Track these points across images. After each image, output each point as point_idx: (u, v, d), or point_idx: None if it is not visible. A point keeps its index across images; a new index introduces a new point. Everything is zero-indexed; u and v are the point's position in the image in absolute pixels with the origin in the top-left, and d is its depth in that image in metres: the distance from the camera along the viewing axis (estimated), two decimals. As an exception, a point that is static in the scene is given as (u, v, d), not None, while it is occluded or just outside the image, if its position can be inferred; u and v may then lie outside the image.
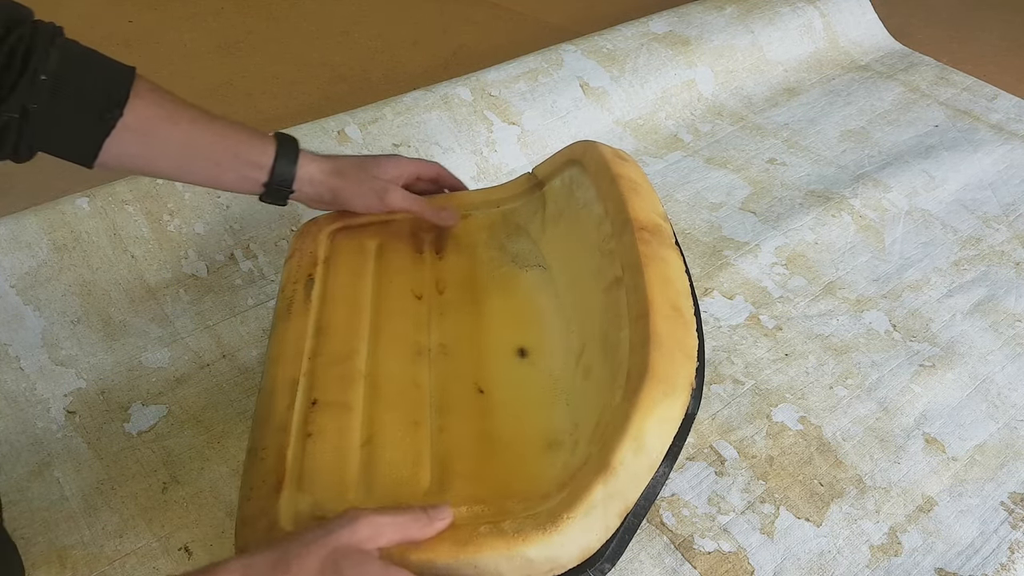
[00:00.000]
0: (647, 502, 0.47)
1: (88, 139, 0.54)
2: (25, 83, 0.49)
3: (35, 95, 0.49)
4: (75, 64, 0.52)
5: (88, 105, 0.52)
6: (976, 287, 0.82)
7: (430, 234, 0.71)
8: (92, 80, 0.52)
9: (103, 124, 0.53)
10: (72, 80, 0.51)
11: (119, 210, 0.79)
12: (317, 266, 0.66)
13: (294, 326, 0.61)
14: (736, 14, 1.18)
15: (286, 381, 0.57)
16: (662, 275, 0.53)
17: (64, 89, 0.51)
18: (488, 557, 0.45)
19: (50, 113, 0.51)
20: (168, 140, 0.56)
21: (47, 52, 0.50)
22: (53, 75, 0.50)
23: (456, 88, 0.99)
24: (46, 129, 0.52)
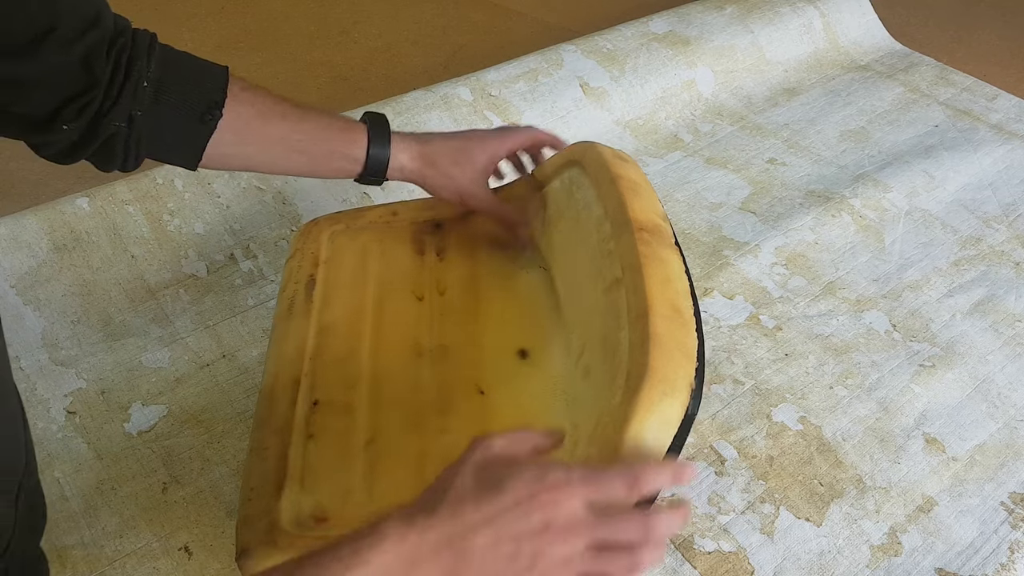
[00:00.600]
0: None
1: (191, 142, 0.55)
2: (129, 91, 0.50)
3: (139, 102, 0.50)
4: (173, 69, 0.53)
5: (189, 109, 0.53)
6: (976, 287, 0.82)
7: (432, 236, 0.71)
8: (191, 84, 0.53)
9: (205, 126, 0.54)
10: (172, 85, 0.52)
11: (119, 210, 0.79)
12: (319, 266, 0.67)
13: (295, 326, 0.61)
14: (736, 14, 1.18)
15: (288, 381, 0.57)
16: (662, 275, 0.53)
17: (165, 95, 0.52)
18: None
19: (154, 119, 0.52)
20: (263, 139, 0.58)
21: (148, 59, 0.51)
22: (155, 81, 0.51)
23: (456, 88, 0.99)
24: (151, 135, 0.53)
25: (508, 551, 0.36)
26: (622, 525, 0.39)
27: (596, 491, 0.39)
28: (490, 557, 0.36)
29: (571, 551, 0.37)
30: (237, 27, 1.46)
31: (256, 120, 0.57)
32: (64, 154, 0.51)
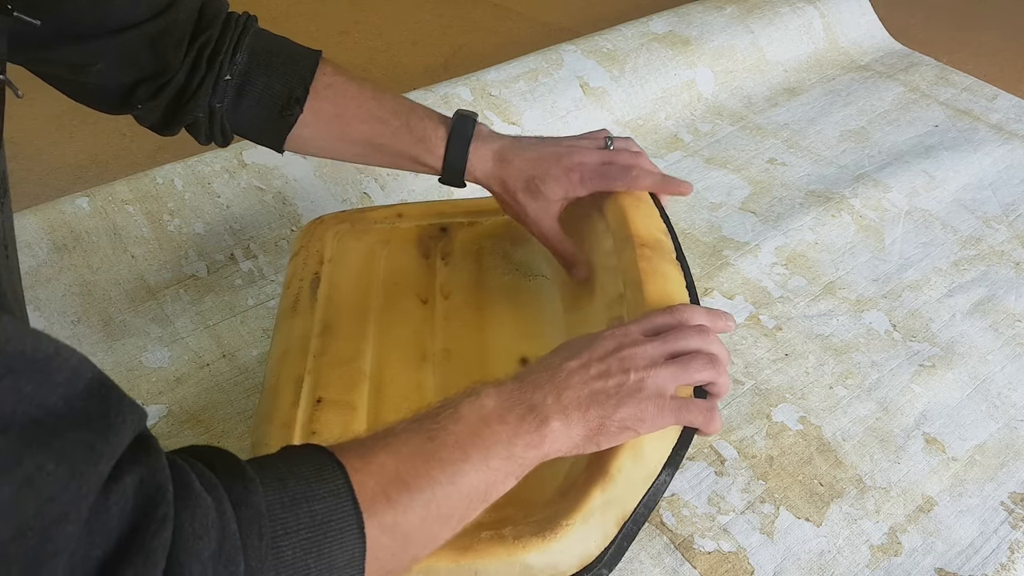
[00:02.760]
0: (647, 509, 0.47)
1: (273, 131, 0.58)
2: (208, 85, 0.53)
3: (219, 95, 0.54)
4: (262, 60, 0.56)
5: (271, 102, 0.56)
6: (976, 287, 0.82)
7: (437, 240, 0.71)
8: (276, 77, 0.56)
9: (285, 120, 0.57)
10: (257, 77, 0.55)
11: (119, 210, 0.79)
12: (323, 265, 0.67)
13: (299, 324, 0.62)
14: (736, 14, 1.19)
15: (291, 378, 0.57)
16: (662, 291, 0.54)
17: (249, 88, 0.55)
18: (488, 564, 0.45)
19: (237, 109, 0.56)
20: (342, 137, 0.59)
21: (233, 53, 0.54)
22: (240, 74, 0.54)
23: (456, 88, 0.99)
24: (235, 122, 0.56)
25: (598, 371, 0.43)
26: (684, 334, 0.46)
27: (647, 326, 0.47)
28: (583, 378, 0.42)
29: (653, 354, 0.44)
30: (237, 27, 1.46)
31: (335, 120, 0.58)
32: (157, 128, 0.56)
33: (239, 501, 0.31)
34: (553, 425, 0.41)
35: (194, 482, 0.30)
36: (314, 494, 0.33)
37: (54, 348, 0.25)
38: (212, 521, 0.29)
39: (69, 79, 0.51)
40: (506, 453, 0.39)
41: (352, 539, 0.33)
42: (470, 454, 0.38)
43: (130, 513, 0.27)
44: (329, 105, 0.58)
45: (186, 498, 0.29)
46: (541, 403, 0.41)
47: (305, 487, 0.33)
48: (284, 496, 0.32)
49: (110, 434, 0.26)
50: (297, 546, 0.31)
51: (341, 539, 0.33)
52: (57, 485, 0.24)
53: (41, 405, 0.24)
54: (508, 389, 0.41)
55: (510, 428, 0.40)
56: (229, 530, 0.29)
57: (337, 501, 0.33)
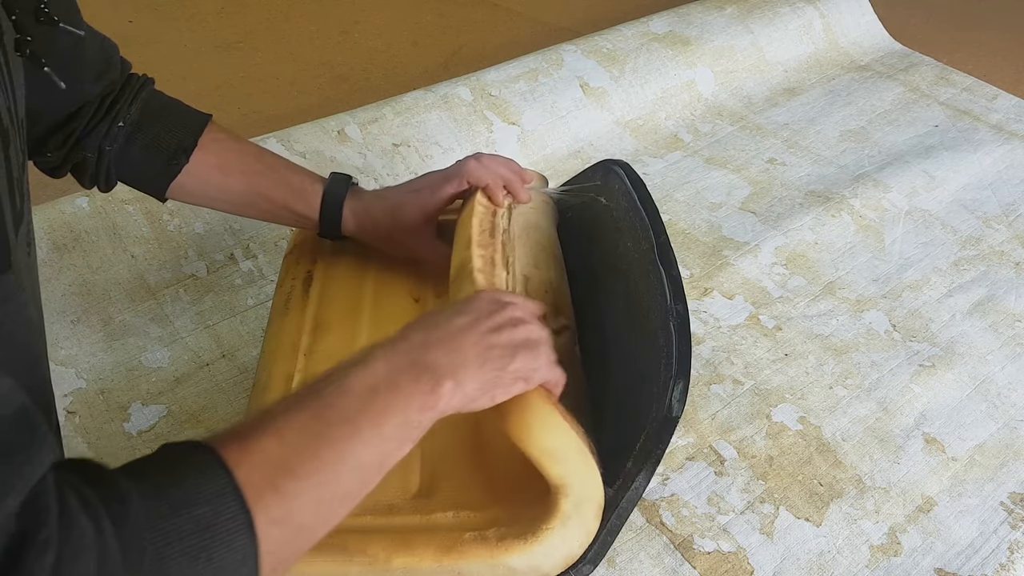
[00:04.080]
0: (630, 505, 0.47)
1: (157, 180, 0.61)
2: (103, 127, 0.57)
3: (111, 139, 0.57)
4: (155, 113, 0.60)
5: (159, 151, 0.60)
6: (976, 287, 0.82)
7: None
8: (167, 129, 0.60)
9: (170, 168, 0.60)
10: (149, 128, 0.59)
11: (119, 210, 0.79)
12: (316, 264, 0.67)
13: (291, 321, 0.62)
14: (736, 14, 1.18)
15: (281, 376, 0.57)
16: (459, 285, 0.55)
17: (140, 136, 0.59)
18: (471, 565, 0.45)
19: (125, 155, 0.59)
20: (222, 189, 0.63)
21: (130, 104, 0.58)
22: (132, 124, 0.58)
23: (456, 88, 0.99)
24: (121, 167, 0.60)
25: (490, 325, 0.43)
26: None
27: None
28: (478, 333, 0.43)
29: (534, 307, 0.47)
30: (237, 27, 1.46)
31: (216, 171, 0.62)
32: (49, 171, 0.59)
33: (117, 518, 0.29)
34: (446, 386, 0.40)
35: (70, 500, 0.29)
36: (196, 498, 0.32)
37: None
38: (90, 541, 0.28)
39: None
40: (400, 419, 0.38)
41: (242, 539, 0.32)
42: (361, 428, 0.37)
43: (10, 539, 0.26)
44: (212, 157, 0.61)
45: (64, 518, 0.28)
46: (435, 363, 0.40)
47: (185, 493, 0.32)
48: (163, 505, 0.31)
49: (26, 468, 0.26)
50: (183, 555, 0.30)
51: (230, 541, 0.31)
52: None
53: None
54: (399, 350, 0.40)
55: (403, 394, 0.39)
56: (110, 549, 0.28)
57: (222, 502, 0.32)
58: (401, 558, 0.45)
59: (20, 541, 0.26)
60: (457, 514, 0.48)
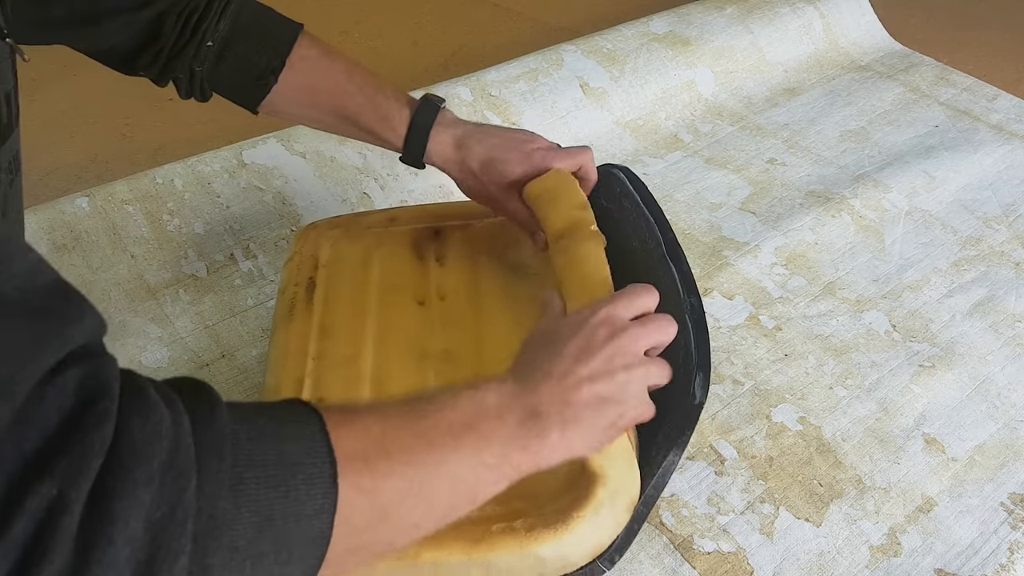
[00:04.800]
0: (656, 491, 0.48)
1: (248, 96, 0.62)
2: (191, 48, 0.57)
3: (200, 59, 0.58)
4: (244, 29, 0.60)
5: (248, 70, 0.60)
6: (976, 287, 0.82)
7: (431, 242, 0.71)
8: (255, 48, 0.60)
9: (259, 88, 0.61)
10: (237, 47, 0.60)
11: (119, 210, 0.79)
12: (319, 269, 0.67)
13: (297, 327, 0.62)
14: (736, 14, 1.18)
15: (291, 380, 0.57)
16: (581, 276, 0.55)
17: (229, 55, 0.59)
18: (500, 556, 0.45)
19: (215, 74, 0.60)
20: (312, 107, 0.63)
21: (217, 21, 0.58)
22: (221, 41, 0.59)
23: (456, 88, 0.99)
24: (213, 84, 0.61)
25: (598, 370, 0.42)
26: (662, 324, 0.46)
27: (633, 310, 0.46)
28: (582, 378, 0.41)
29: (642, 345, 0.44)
30: (237, 27, 1.46)
31: (305, 91, 0.62)
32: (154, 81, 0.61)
33: (201, 422, 0.28)
34: (552, 436, 0.39)
35: (150, 392, 0.28)
36: (286, 434, 0.31)
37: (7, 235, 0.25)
38: (165, 431, 0.27)
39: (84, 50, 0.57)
40: (500, 451, 0.37)
41: (323, 487, 0.30)
42: (463, 444, 0.36)
43: (68, 408, 0.25)
44: (301, 77, 0.61)
45: (139, 403, 0.27)
46: (545, 412, 0.39)
47: (276, 426, 0.31)
48: (251, 430, 0.30)
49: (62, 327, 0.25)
50: (261, 481, 0.29)
51: (310, 485, 0.30)
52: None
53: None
54: (509, 390, 0.40)
55: (508, 430, 0.38)
56: (183, 443, 0.27)
57: (310, 445, 0.31)
58: (430, 552, 0.45)
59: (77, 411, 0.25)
60: (482, 508, 0.48)
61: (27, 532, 0.23)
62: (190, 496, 0.26)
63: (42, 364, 0.24)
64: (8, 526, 0.23)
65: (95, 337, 0.28)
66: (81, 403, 0.25)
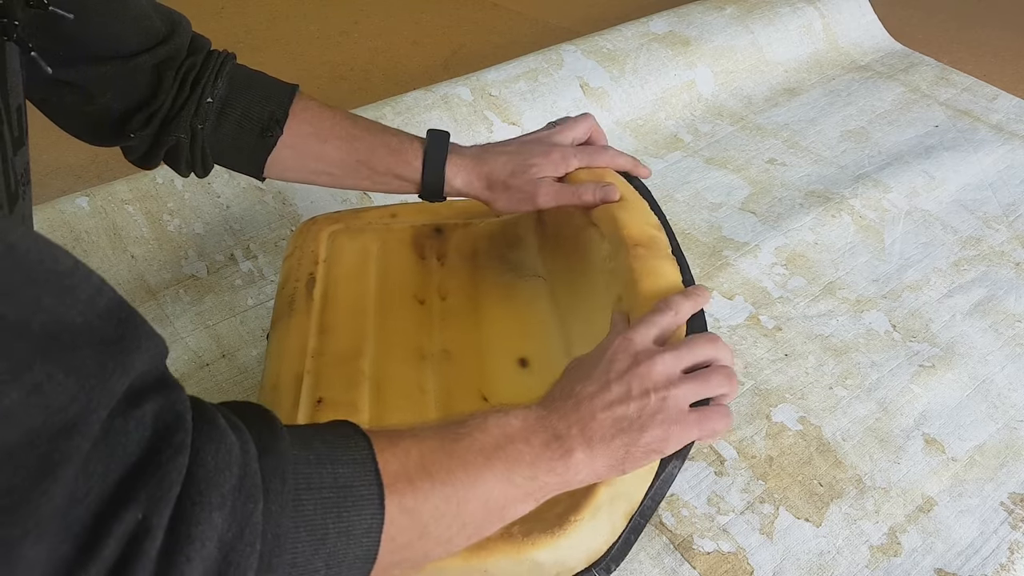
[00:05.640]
0: (654, 502, 0.48)
1: (253, 155, 0.59)
2: (191, 107, 0.55)
3: (202, 117, 0.56)
4: (241, 86, 0.58)
5: (252, 124, 0.58)
6: (976, 287, 0.82)
7: (432, 240, 0.71)
8: (256, 101, 0.58)
9: (264, 141, 0.58)
10: (237, 102, 0.57)
11: (119, 210, 0.79)
12: (318, 265, 0.67)
13: (296, 324, 0.61)
14: (736, 14, 1.18)
15: (290, 378, 0.57)
16: (655, 289, 0.54)
17: (230, 110, 0.57)
18: (498, 562, 0.45)
19: (218, 132, 0.58)
20: (321, 157, 0.60)
21: (215, 79, 0.56)
22: (220, 98, 0.57)
23: (456, 88, 0.99)
24: (215, 147, 0.58)
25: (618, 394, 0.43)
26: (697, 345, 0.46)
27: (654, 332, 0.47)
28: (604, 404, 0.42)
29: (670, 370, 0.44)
30: (237, 27, 1.46)
31: (313, 139, 0.60)
32: (142, 159, 0.58)
33: (265, 447, 0.31)
34: (577, 456, 0.41)
35: (219, 420, 0.30)
36: (338, 458, 0.33)
37: (74, 263, 0.26)
38: (235, 457, 0.29)
39: (76, 107, 0.53)
40: (529, 473, 0.39)
41: (372, 508, 0.33)
42: (494, 463, 0.38)
43: (147, 439, 0.27)
44: (307, 126, 0.59)
45: (210, 432, 0.29)
46: (566, 433, 0.41)
47: (330, 450, 0.33)
48: (309, 454, 0.32)
49: (123, 356, 0.26)
50: (318, 503, 0.31)
51: (360, 506, 0.33)
52: (66, 395, 0.24)
53: (59, 320, 0.24)
54: (534, 415, 0.42)
55: (534, 451, 0.40)
56: (251, 469, 0.30)
57: (361, 468, 0.34)
58: None
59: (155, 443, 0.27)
60: None
61: (114, 555, 0.25)
62: (257, 517, 0.29)
63: (112, 393, 0.26)
64: (97, 550, 0.25)
65: (158, 361, 0.29)
66: (159, 435, 0.28)
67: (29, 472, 0.23)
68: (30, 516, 0.23)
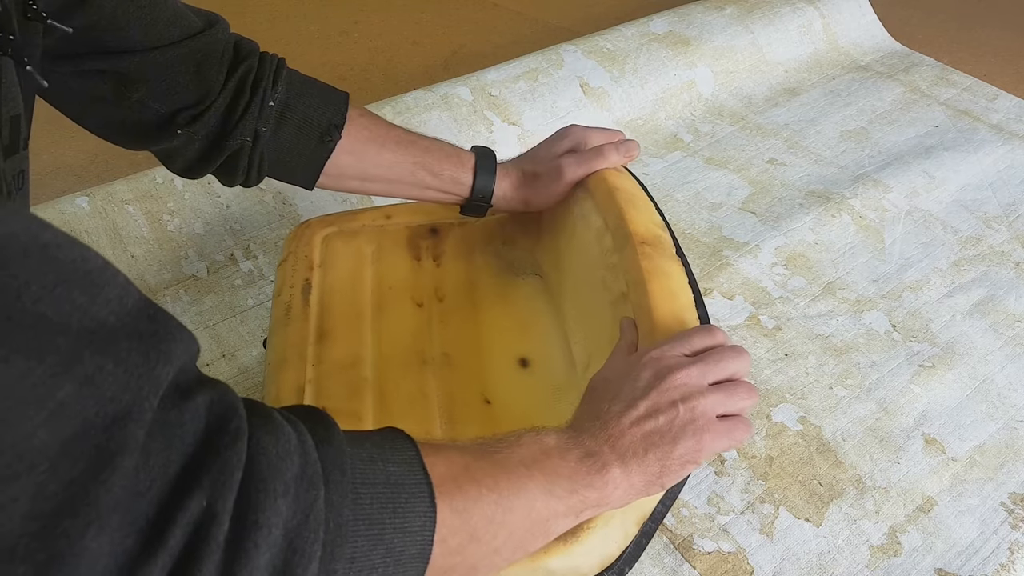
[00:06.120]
0: (665, 507, 0.47)
1: (312, 161, 0.59)
2: (255, 109, 0.54)
3: (265, 120, 0.55)
4: (298, 91, 0.57)
5: (311, 129, 0.57)
6: (976, 287, 0.82)
7: (428, 241, 0.70)
8: (314, 106, 0.57)
9: (324, 146, 0.58)
10: (296, 106, 0.57)
11: (119, 210, 0.79)
12: (313, 270, 0.66)
13: (294, 332, 0.61)
14: (736, 14, 1.18)
15: (292, 388, 0.56)
16: (666, 290, 0.54)
17: (290, 114, 0.56)
18: (511, 570, 0.45)
19: (278, 137, 0.56)
20: (378, 162, 0.60)
21: (274, 81, 0.55)
22: (280, 102, 0.56)
23: (456, 88, 0.99)
24: (274, 152, 0.57)
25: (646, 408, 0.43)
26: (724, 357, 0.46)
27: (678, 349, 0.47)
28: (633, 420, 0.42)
29: (698, 380, 0.44)
30: (237, 27, 1.45)
31: (371, 144, 0.60)
32: (191, 167, 0.56)
33: (322, 440, 0.31)
34: (614, 472, 0.41)
35: (274, 414, 0.31)
36: (389, 458, 0.34)
37: (103, 262, 0.26)
38: (294, 447, 0.30)
39: (111, 100, 0.51)
40: (569, 486, 0.39)
41: (424, 506, 0.33)
42: (535, 475, 0.38)
43: (203, 429, 0.27)
44: (364, 131, 0.59)
45: (267, 425, 0.29)
46: (598, 451, 0.41)
47: (380, 450, 0.34)
48: (362, 451, 0.33)
49: (163, 345, 0.27)
50: (374, 497, 0.32)
51: (414, 503, 0.33)
52: (117, 385, 0.24)
53: (94, 317, 0.25)
54: (566, 435, 0.42)
55: (570, 465, 0.40)
56: (311, 458, 0.30)
57: (411, 468, 0.34)
58: None
59: (212, 431, 0.27)
60: None
61: (180, 543, 0.25)
62: (320, 505, 0.29)
63: (159, 382, 0.26)
64: (164, 538, 0.25)
65: (194, 355, 0.29)
66: (214, 424, 0.28)
67: (88, 463, 0.23)
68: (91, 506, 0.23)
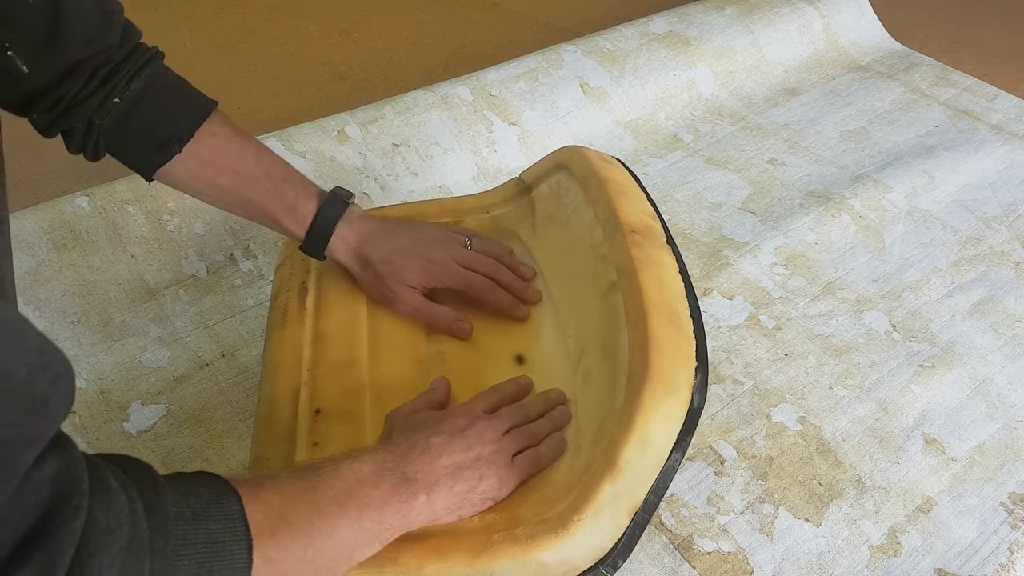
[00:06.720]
0: (656, 497, 0.48)
1: (146, 161, 0.59)
2: (95, 101, 0.54)
3: (103, 113, 0.54)
4: (157, 95, 0.57)
5: (152, 135, 0.57)
6: (976, 287, 0.82)
7: None
8: (165, 113, 0.57)
9: (160, 154, 0.58)
10: (145, 110, 0.56)
11: (119, 210, 0.79)
12: (310, 274, 0.66)
13: (291, 335, 0.61)
14: (736, 14, 1.18)
15: (287, 391, 0.57)
16: (657, 278, 0.54)
17: (136, 115, 0.56)
18: (503, 565, 0.45)
19: (117, 130, 0.56)
20: (210, 186, 0.60)
21: (131, 79, 0.55)
22: (130, 101, 0.55)
23: (456, 88, 0.99)
24: (112, 142, 0.57)
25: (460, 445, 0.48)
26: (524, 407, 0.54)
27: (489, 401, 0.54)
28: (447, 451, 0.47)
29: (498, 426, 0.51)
30: (237, 27, 1.46)
31: (207, 166, 0.59)
32: (41, 132, 0.56)
33: (150, 506, 0.32)
34: (420, 499, 0.44)
35: (110, 479, 0.31)
36: (212, 514, 0.35)
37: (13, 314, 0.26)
38: (125, 517, 0.30)
39: None
40: (377, 517, 0.42)
41: (241, 562, 0.35)
42: (347, 511, 0.41)
43: (45, 501, 0.27)
44: (207, 152, 0.59)
45: (102, 492, 0.30)
46: (413, 476, 0.45)
47: (205, 507, 0.35)
48: (186, 510, 0.34)
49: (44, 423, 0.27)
50: (193, 559, 0.33)
51: (231, 560, 0.35)
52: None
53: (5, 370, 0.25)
54: (383, 458, 0.45)
55: (383, 495, 0.43)
56: (140, 529, 0.31)
57: (232, 524, 0.36)
58: (433, 565, 0.45)
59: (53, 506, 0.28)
60: (483, 517, 0.48)
61: None
62: None
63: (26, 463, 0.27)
64: None
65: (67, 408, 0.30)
66: (57, 498, 0.28)
67: None
68: None
